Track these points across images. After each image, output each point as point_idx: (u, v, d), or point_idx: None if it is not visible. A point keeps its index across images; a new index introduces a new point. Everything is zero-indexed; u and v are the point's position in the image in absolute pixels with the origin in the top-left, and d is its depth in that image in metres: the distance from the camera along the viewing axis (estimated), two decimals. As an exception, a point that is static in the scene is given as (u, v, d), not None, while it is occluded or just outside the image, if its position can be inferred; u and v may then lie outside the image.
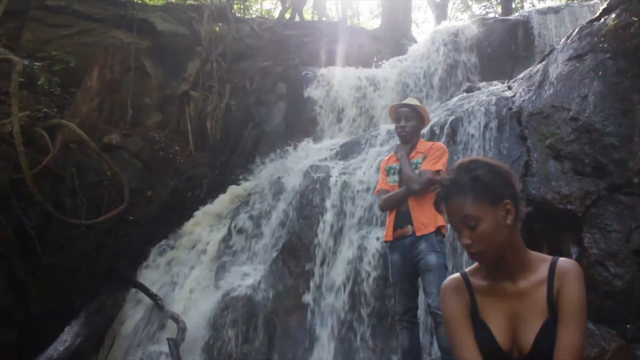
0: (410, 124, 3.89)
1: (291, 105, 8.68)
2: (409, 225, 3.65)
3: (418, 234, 3.59)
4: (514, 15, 10.29)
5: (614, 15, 5.04)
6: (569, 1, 11.43)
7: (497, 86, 6.68)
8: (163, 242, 6.56)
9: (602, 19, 5.23)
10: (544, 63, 5.73)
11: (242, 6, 13.53)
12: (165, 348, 4.90)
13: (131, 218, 6.65)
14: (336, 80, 8.61)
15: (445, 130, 5.53)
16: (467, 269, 1.71)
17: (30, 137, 6.25)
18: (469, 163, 1.61)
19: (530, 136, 4.95)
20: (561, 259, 1.58)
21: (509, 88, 6.09)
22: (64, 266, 5.83)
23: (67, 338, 5.03)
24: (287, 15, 12.60)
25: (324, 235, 5.38)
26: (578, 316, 1.49)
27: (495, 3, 16.30)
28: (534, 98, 5.25)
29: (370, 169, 5.79)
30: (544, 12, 9.27)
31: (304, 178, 6.13)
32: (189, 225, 6.70)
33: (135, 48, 8.97)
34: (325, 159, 6.66)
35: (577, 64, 5.04)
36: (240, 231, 6.16)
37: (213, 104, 8.76)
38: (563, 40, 5.76)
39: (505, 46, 8.67)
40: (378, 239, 5.00)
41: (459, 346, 1.59)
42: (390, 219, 3.80)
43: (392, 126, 4.83)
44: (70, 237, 6.07)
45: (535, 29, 8.86)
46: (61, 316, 5.40)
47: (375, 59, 9.52)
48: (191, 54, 9.48)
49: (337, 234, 5.37)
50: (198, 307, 5.45)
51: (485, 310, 1.60)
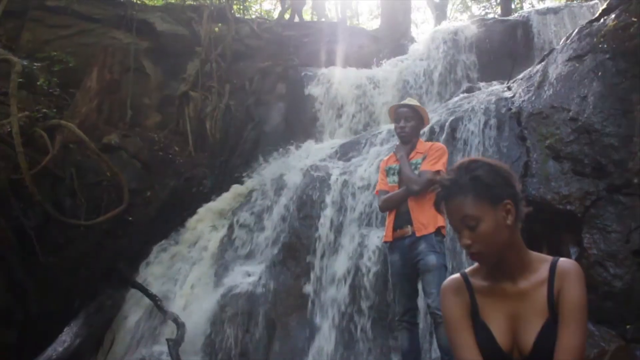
0: (409, 124, 3.89)
1: (291, 105, 8.68)
2: (409, 226, 3.64)
3: (418, 234, 3.59)
4: (514, 16, 10.27)
5: (613, 16, 5.04)
6: (569, 2, 11.43)
7: (497, 86, 6.69)
8: (163, 242, 6.58)
9: (602, 20, 5.23)
10: (543, 63, 5.73)
11: (242, 6, 13.54)
12: (164, 348, 4.91)
13: (130, 218, 6.65)
14: (336, 78, 8.65)
15: (445, 130, 5.54)
16: (467, 270, 1.71)
17: (29, 138, 6.24)
18: (469, 163, 1.60)
19: (530, 137, 4.95)
20: (562, 259, 1.58)
21: (509, 88, 6.08)
22: (64, 266, 5.83)
23: (67, 339, 5.03)
24: (287, 16, 12.60)
25: (324, 229, 5.43)
26: (579, 316, 1.48)
27: (495, 4, 16.31)
28: (533, 98, 5.25)
29: (371, 167, 5.81)
30: (543, 13, 9.27)
31: (305, 177, 6.18)
32: (192, 221, 6.74)
33: (134, 48, 8.95)
34: (324, 160, 6.68)
35: (577, 65, 5.04)
36: (242, 226, 6.21)
37: (212, 104, 8.75)
38: (562, 40, 5.76)
39: (505, 47, 8.67)
40: (379, 237, 5.01)
41: (459, 347, 1.59)
42: (389, 220, 3.79)
43: (393, 125, 4.84)
44: (69, 238, 6.07)
45: (534, 30, 8.86)
46: (60, 316, 5.40)
47: (375, 60, 9.52)
48: (190, 54, 9.47)
49: (338, 228, 5.42)
50: (199, 304, 5.47)
51: (486, 310, 1.60)
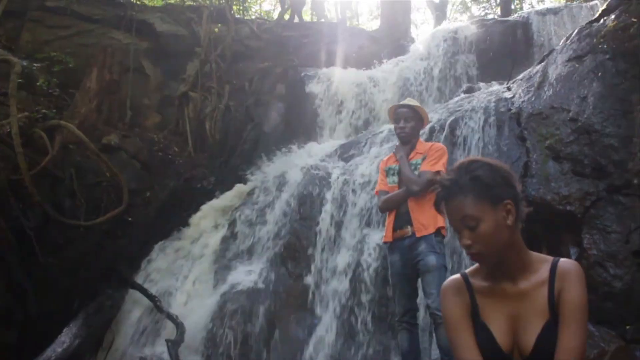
0: (409, 124, 3.89)
1: (290, 106, 8.67)
2: (409, 226, 3.64)
3: (418, 235, 3.59)
4: (513, 16, 10.27)
5: (613, 16, 5.04)
6: (568, 2, 11.44)
7: (497, 87, 6.69)
8: (165, 241, 6.58)
9: (602, 20, 5.22)
10: (543, 64, 5.72)
11: (241, 7, 13.53)
12: (164, 349, 4.90)
13: (130, 219, 6.64)
14: (337, 77, 8.69)
15: (445, 130, 5.54)
16: (468, 270, 1.70)
17: (29, 138, 6.23)
18: (469, 163, 1.60)
19: (530, 137, 4.94)
20: (562, 259, 1.57)
21: (509, 89, 6.08)
22: (63, 267, 5.82)
23: (66, 339, 5.01)
24: (287, 16, 12.60)
25: (324, 224, 5.49)
26: (579, 317, 1.48)
27: (495, 4, 16.33)
28: (533, 99, 5.24)
29: (372, 165, 5.83)
30: (543, 13, 9.28)
31: (305, 176, 6.23)
32: (195, 218, 6.75)
33: (134, 49, 8.95)
34: (324, 160, 6.69)
35: (577, 65, 5.03)
36: (244, 220, 6.24)
37: (212, 104, 8.74)
38: (562, 41, 5.76)
39: (505, 47, 8.67)
40: (379, 237, 5.04)
41: (459, 347, 1.58)
42: (389, 220, 3.79)
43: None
44: (69, 238, 6.06)
45: (534, 30, 8.87)
46: (60, 317, 5.39)
47: (375, 60, 9.53)
48: (190, 54, 9.47)
49: (339, 223, 5.47)
50: (200, 300, 5.49)
51: (486, 311, 1.60)
